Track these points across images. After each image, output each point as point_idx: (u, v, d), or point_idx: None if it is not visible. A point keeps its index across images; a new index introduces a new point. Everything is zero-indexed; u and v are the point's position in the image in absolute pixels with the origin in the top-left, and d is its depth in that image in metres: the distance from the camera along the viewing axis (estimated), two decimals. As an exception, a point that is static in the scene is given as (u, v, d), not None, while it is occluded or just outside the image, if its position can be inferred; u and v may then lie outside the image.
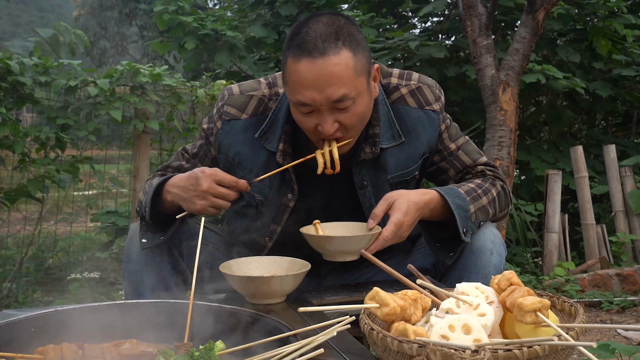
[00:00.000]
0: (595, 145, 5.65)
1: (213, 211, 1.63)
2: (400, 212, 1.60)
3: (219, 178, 1.61)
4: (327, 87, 1.54)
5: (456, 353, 1.01)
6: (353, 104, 1.59)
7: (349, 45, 1.56)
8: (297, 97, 1.58)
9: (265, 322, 1.27)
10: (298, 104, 1.59)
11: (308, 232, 1.65)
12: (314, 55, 1.53)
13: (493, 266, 1.70)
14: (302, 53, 1.54)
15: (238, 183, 1.63)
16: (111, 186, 5.19)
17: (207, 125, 1.87)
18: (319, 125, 1.60)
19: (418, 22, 6.48)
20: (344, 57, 1.55)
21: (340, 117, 1.60)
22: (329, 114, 1.58)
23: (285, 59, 1.60)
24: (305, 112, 1.61)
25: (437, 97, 1.83)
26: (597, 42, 5.17)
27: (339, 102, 1.56)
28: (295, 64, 1.56)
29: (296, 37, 1.57)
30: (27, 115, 4.79)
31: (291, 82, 1.58)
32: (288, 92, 1.63)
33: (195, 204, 1.62)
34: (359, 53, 1.58)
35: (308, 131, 1.66)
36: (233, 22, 5.79)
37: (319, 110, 1.58)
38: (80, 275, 3.92)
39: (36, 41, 3.88)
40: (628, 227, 4.69)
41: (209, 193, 1.60)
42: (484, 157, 1.89)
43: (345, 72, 1.55)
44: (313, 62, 1.53)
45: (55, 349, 1.20)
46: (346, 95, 1.56)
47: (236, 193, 1.64)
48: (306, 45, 1.54)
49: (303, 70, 1.54)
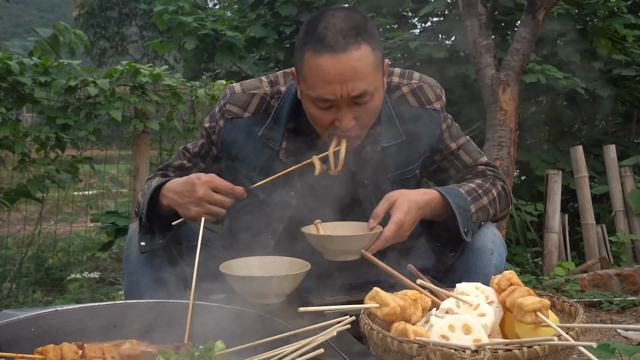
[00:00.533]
0: (595, 145, 5.65)
1: (208, 218, 1.61)
2: (401, 211, 1.60)
3: (215, 185, 1.60)
4: (349, 82, 1.53)
5: (456, 353, 1.01)
6: (371, 99, 1.59)
7: (368, 40, 1.56)
8: (318, 92, 1.56)
9: (265, 322, 1.27)
10: (318, 99, 1.57)
11: (309, 231, 1.65)
12: (337, 50, 1.52)
13: (493, 266, 1.70)
14: (323, 48, 1.53)
15: (234, 190, 1.62)
16: (111, 186, 5.19)
17: (208, 124, 1.86)
18: (337, 121, 1.59)
19: (418, 22, 6.47)
20: (364, 52, 1.55)
21: (358, 112, 1.59)
22: (347, 109, 1.58)
23: (302, 53, 1.58)
24: (324, 108, 1.59)
25: (438, 96, 1.84)
26: (597, 42, 5.17)
27: (359, 98, 1.56)
28: (315, 59, 1.54)
29: (314, 32, 1.56)
30: (27, 115, 4.79)
31: (311, 77, 1.57)
32: (306, 87, 1.60)
33: (190, 210, 1.61)
34: (376, 48, 1.58)
35: (323, 126, 1.64)
36: (233, 22, 5.79)
37: (338, 105, 1.58)
38: (80, 275, 3.92)
39: (36, 41, 3.88)
40: (628, 227, 4.69)
41: (204, 200, 1.59)
42: (485, 157, 1.89)
43: (366, 67, 1.55)
44: (335, 57, 1.52)
45: (55, 349, 1.19)
46: (366, 90, 1.56)
47: (232, 200, 1.63)
48: (327, 40, 1.53)
49: (325, 65, 1.53)
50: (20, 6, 39.27)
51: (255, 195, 1.80)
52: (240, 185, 1.82)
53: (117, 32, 16.85)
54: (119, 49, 17.15)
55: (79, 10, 16.31)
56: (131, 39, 17.80)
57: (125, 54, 17.14)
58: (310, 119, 1.66)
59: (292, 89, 1.79)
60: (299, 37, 1.63)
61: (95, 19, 16.41)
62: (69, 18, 19.11)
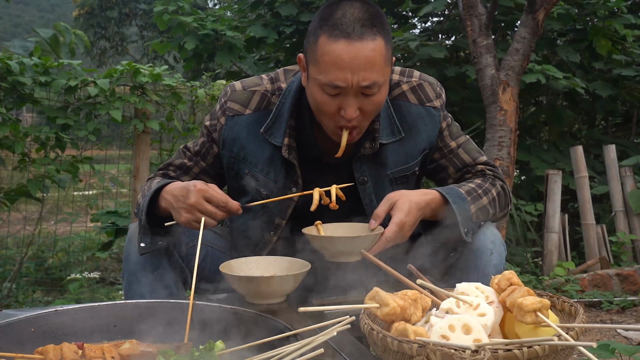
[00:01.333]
0: (595, 145, 5.65)
1: (197, 226, 1.59)
2: (402, 212, 1.60)
3: (208, 195, 1.59)
4: (362, 71, 1.54)
5: (456, 353, 1.01)
6: (378, 92, 1.59)
7: (382, 33, 1.57)
8: (329, 77, 1.56)
9: (265, 322, 1.27)
10: (329, 84, 1.57)
11: (310, 232, 1.65)
12: (353, 38, 1.52)
13: (493, 266, 1.70)
14: (339, 34, 1.53)
15: (228, 204, 1.61)
16: (111, 186, 5.19)
17: (209, 122, 1.86)
18: (342, 110, 1.59)
19: (418, 22, 6.48)
20: (379, 44, 1.55)
21: (363, 103, 1.59)
22: (354, 99, 1.58)
23: (316, 38, 1.57)
24: (332, 95, 1.59)
25: (437, 94, 1.84)
26: (597, 42, 5.17)
27: (367, 88, 1.56)
28: (330, 45, 1.54)
29: (330, 18, 1.56)
30: (27, 115, 4.79)
31: (323, 62, 1.56)
32: (317, 72, 1.59)
33: (181, 215, 1.61)
34: (388, 43, 1.59)
35: (327, 114, 1.63)
36: (233, 22, 5.79)
37: (346, 93, 1.57)
38: (80, 275, 3.92)
39: (36, 41, 3.88)
40: (628, 227, 4.69)
41: (195, 208, 1.58)
42: (484, 156, 1.89)
43: (379, 59, 1.55)
44: (351, 44, 1.52)
45: (55, 349, 1.19)
46: (376, 82, 1.56)
47: (224, 213, 1.61)
48: (344, 27, 1.53)
49: (340, 51, 1.53)
50: (20, 6, 39.28)
51: (259, 192, 1.80)
52: (242, 184, 1.83)
53: (117, 32, 16.87)
54: (119, 49, 17.16)
55: (79, 10, 16.33)
56: (131, 39, 17.82)
57: (125, 54, 17.15)
58: (315, 105, 1.65)
59: (293, 85, 1.79)
60: (312, 23, 1.63)
61: (95, 19, 16.43)
62: (69, 18, 19.12)
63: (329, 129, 1.67)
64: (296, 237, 1.75)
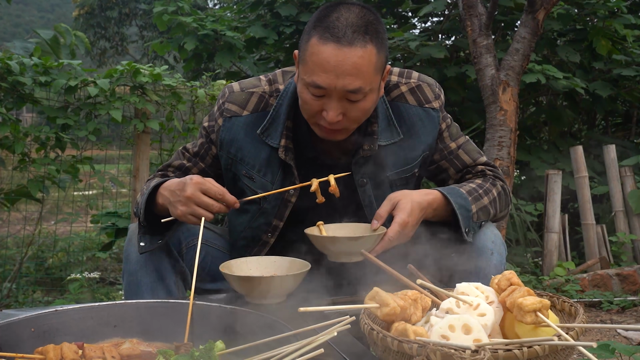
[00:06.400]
0: (595, 145, 5.65)
1: (193, 219, 1.59)
2: (404, 212, 1.60)
3: (205, 187, 1.59)
4: (347, 75, 1.54)
5: (456, 353, 1.01)
6: (363, 99, 1.59)
7: (375, 41, 1.57)
8: (314, 78, 1.56)
9: (265, 322, 1.27)
10: (312, 84, 1.58)
11: (312, 233, 1.65)
12: (342, 43, 1.53)
13: (493, 266, 1.71)
14: (329, 37, 1.54)
15: (224, 196, 1.60)
16: (111, 186, 5.19)
17: (207, 123, 1.87)
18: (324, 111, 1.60)
19: (418, 22, 6.47)
20: (369, 51, 1.55)
21: (347, 108, 1.59)
22: (337, 102, 1.58)
23: (309, 37, 1.58)
24: (316, 95, 1.59)
25: (436, 95, 1.84)
26: (597, 42, 5.16)
27: (352, 94, 1.56)
28: (319, 46, 1.55)
29: (325, 20, 1.56)
30: (27, 115, 4.79)
31: (311, 62, 1.57)
32: (303, 71, 1.60)
33: (177, 208, 1.60)
34: (381, 51, 1.59)
35: (310, 113, 1.64)
36: (233, 22, 5.78)
37: (329, 95, 1.58)
38: (80, 275, 3.92)
39: (37, 42, 3.88)
40: (628, 227, 4.69)
41: (191, 200, 1.58)
42: (484, 156, 1.90)
43: (367, 67, 1.55)
44: (339, 48, 1.53)
45: (55, 349, 1.19)
46: (361, 88, 1.56)
47: (220, 206, 1.60)
48: (336, 31, 1.54)
49: (327, 53, 1.54)
50: (20, 6, 39.28)
51: (256, 193, 1.80)
52: (240, 184, 1.83)
53: (117, 32, 16.87)
54: (119, 49, 17.16)
55: (79, 10, 16.32)
56: (131, 39, 17.82)
57: (125, 54, 17.15)
58: (301, 103, 1.67)
59: (291, 87, 1.79)
60: (309, 21, 1.63)
61: (95, 19, 16.43)
62: (69, 18, 19.12)
63: (311, 124, 1.68)
64: (294, 239, 1.75)
